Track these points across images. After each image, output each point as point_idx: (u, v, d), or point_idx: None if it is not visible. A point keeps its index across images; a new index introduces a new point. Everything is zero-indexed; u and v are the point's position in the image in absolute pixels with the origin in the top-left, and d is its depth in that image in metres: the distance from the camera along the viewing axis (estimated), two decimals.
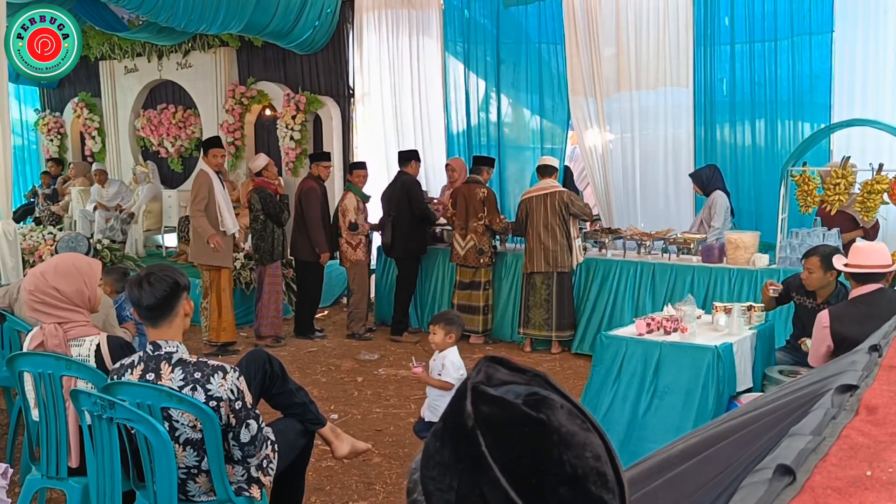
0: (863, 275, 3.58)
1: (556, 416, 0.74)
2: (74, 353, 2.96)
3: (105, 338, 3.02)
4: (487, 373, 0.79)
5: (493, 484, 0.70)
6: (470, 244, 6.94)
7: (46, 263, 3.05)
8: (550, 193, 6.55)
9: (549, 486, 0.71)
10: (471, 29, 8.50)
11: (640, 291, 6.44)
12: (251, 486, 2.77)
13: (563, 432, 0.73)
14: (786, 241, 5.84)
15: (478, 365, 0.80)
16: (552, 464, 0.72)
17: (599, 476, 0.73)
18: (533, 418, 0.73)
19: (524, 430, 0.73)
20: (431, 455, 0.77)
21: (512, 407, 0.74)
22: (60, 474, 2.98)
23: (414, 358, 4.20)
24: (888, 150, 6.09)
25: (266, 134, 10.09)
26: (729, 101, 7.24)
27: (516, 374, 0.80)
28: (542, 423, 0.73)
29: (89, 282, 3.03)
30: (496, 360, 0.80)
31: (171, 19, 7.73)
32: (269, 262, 7.00)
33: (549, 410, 0.74)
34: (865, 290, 3.57)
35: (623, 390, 4.08)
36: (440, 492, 0.74)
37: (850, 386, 1.13)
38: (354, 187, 7.28)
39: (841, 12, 6.58)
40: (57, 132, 12.05)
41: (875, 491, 0.90)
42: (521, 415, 0.73)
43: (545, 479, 0.71)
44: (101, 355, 2.97)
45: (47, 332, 2.96)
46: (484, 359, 0.81)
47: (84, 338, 3.00)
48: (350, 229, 7.13)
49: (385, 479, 4.16)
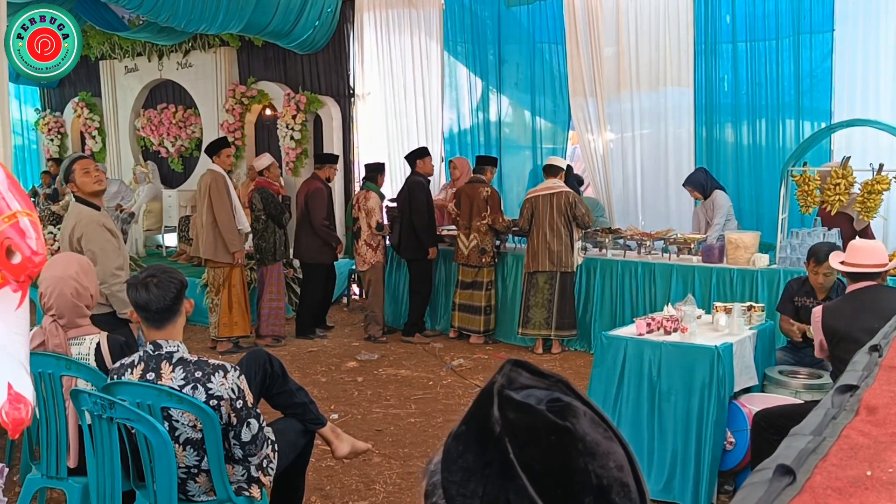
0: (858, 273, 3.60)
1: (580, 425, 0.74)
2: (74, 353, 2.97)
3: (105, 337, 3.03)
4: (510, 376, 0.78)
5: (521, 492, 0.69)
6: (473, 243, 6.94)
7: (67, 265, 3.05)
8: (556, 193, 6.55)
9: (575, 496, 0.71)
10: (472, 28, 8.50)
11: (640, 291, 6.44)
12: (251, 486, 2.77)
13: (587, 441, 0.73)
14: (786, 241, 5.84)
15: (502, 368, 0.79)
16: (578, 474, 0.71)
17: (623, 487, 0.72)
18: (559, 426, 0.72)
19: (551, 438, 0.72)
20: (454, 459, 0.76)
21: (538, 414, 0.73)
22: (60, 474, 2.98)
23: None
24: (888, 149, 6.09)
25: (266, 134, 10.09)
26: (729, 100, 7.24)
27: (538, 378, 0.79)
28: (567, 431, 0.72)
29: (100, 283, 3.07)
30: (519, 364, 0.80)
31: (171, 19, 7.73)
32: (271, 263, 7.01)
33: (574, 418, 0.74)
34: (859, 286, 3.59)
35: (626, 391, 4.07)
36: (463, 497, 0.73)
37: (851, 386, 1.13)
38: (375, 187, 7.27)
39: (841, 11, 6.58)
40: (57, 132, 12.05)
41: (875, 491, 0.89)
42: (548, 422, 0.73)
43: (571, 489, 0.71)
44: (100, 354, 2.97)
45: (48, 332, 2.97)
46: (508, 361, 0.80)
47: (84, 337, 3.01)
48: (377, 230, 7.12)
49: (385, 479, 4.16)
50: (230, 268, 6.74)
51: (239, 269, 6.85)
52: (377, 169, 7.41)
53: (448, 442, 0.78)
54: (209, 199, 6.57)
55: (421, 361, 6.58)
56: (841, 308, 3.53)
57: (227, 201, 6.58)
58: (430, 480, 0.78)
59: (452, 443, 0.77)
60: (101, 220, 4.19)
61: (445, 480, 0.75)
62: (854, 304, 3.52)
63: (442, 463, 0.77)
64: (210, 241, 6.61)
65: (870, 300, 3.50)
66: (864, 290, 3.56)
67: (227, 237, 6.58)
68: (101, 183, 4.15)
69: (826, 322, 3.51)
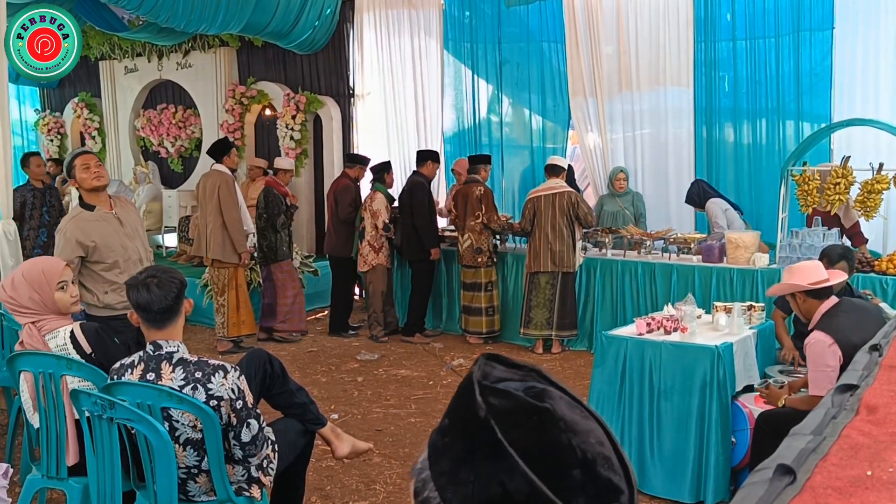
0: (822, 290, 3.56)
1: (558, 406, 0.77)
2: (52, 346, 3.04)
3: (78, 325, 3.09)
4: (485, 370, 0.80)
5: (513, 470, 0.71)
6: (467, 243, 6.92)
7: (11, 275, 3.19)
8: (558, 193, 6.54)
9: (563, 469, 0.73)
10: (471, 28, 8.49)
11: (640, 291, 6.44)
12: (251, 486, 2.77)
13: (567, 420, 0.76)
14: (786, 240, 5.84)
15: (476, 362, 0.81)
16: (563, 449, 0.74)
17: (606, 460, 0.76)
18: (539, 408, 0.76)
19: (533, 418, 0.75)
20: (441, 451, 0.77)
21: (518, 399, 0.76)
22: (61, 474, 2.98)
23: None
24: (888, 149, 6.09)
25: (266, 134, 10.09)
26: (729, 100, 7.23)
27: (512, 370, 0.82)
28: (547, 411, 0.76)
29: (41, 289, 3.08)
30: (492, 358, 0.82)
31: (170, 20, 7.73)
32: (280, 260, 7.04)
33: (552, 401, 0.77)
34: (831, 302, 3.55)
35: (626, 390, 4.08)
36: (455, 486, 0.74)
37: (851, 385, 1.13)
38: (383, 188, 7.28)
39: (841, 9, 6.57)
40: (57, 132, 12.05)
41: (876, 491, 0.89)
42: (528, 405, 0.76)
43: (559, 463, 0.74)
44: (76, 341, 3.01)
45: (24, 333, 3.09)
46: (481, 356, 0.82)
47: (57, 329, 3.07)
48: (384, 230, 7.12)
49: (385, 479, 4.16)
50: (236, 268, 6.80)
51: (242, 270, 6.92)
52: (384, 168, 7.40)
53: (432, 438, 0.80)
54: (218, 199, 6.60)
55: (421, 361, 6.58)
56: (837, 324, 3.42)
57: (236, 202, 6.66)
58: (419, 478, 0.79)
59: (437, 437, 0.79)
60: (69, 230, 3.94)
61: (434, 474, 0.77)
62: (850, 317, 3.45)
63: (429, 459, 0.78)
64: (218, 242, 6.64)
65: (855, 310, 3.51)
66: (840, 304, 3.55)
67: (236, 238, 6.65)
68: (101, 179, 4.10)
69: (839, 339, 3.31)
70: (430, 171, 7.28)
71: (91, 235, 3.95)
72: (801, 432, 1.06)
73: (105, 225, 4.03)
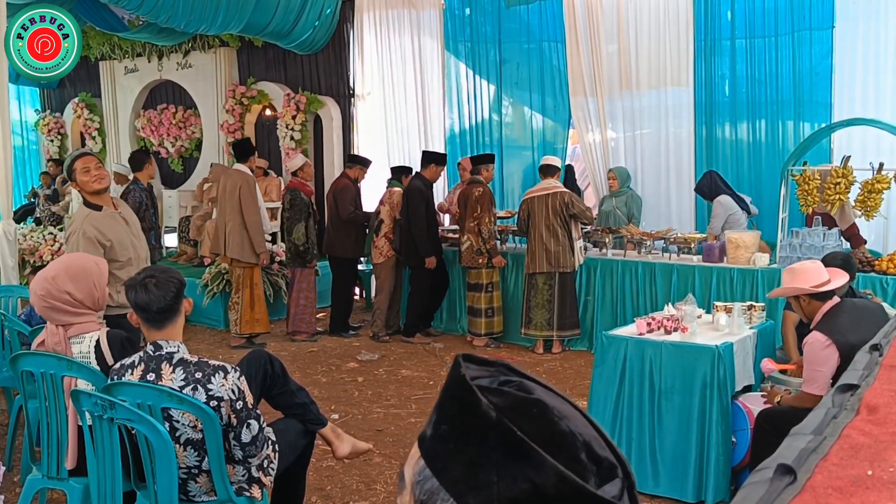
0: (824, 292, 3.57)
1: (543, 395, 0.78)
2: (76, 351, 2.97)
3: (105, 333, 3.03)
4: (470, 372, 0.80)
5: (541, 464, 0.71)
6: (466, 244, 6.90)
7: (55, 266, 3.02)
8: (552, 194, 6.53)
9: (574, 456, 0.74)
10: (471, 28, 8.49)
11: (640, 291, 6.44)
12: (252, 487, 2.77)
13: (557, 408, 0.77)
14: (786, 240, 5.83)
15: (455, 365, 0.80)
16: (567, 436, 0.75)
17: (597, 440, 0.77)
18: (532, 400, 0.76)
19: (533, 411, 0.75)
20: (449, 458, 0.75)
21: (511, 394, 0.77)
22: (61, 474, 2.98)
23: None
24: (888, 149, 6.09)
25: (266, 134, 10.09)
26: (729, 100, 7.24)
27: (483, 367, 0.82)
28: (540, 402, 0.76)
29: (98, 283, 3.04)
30: (467, 358, 0.82)
31: (170, 20, 7.73)
32: (305, 265, 7.10)
33: (535, 391, 0.78)
34: (833, 302, 3.56)
35: (627, 390, 4.08)
36: (476, 490, 0.73)
37: (851, 385, 1.13)
38: (401, 185, 7.31)
39: (841, 8, 6.57)
40: (57, 132, 12.05)
41: (876, 490, 0.89)
42: (522, 399, 0.76)
43: (569, 451, 0.74)
44: (100, 350, 2.97)
45: (48, 331, 2.98)
46: (458, 357, 0.82)
47: (84, 335, 3.00)
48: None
49: (386, 479, 4.16)
50: (251, 267, 6.86)
51: (259, 269, 6.98)
52: (403, 171, 7.47)
53: (428, 446, 0.77)
54: (239, 199, 6.64)
55: (421, 361, 6.58)
56: (836, 324, 3.42)
57: (256, 203, 6.72)
58: (423, 489, 0.76)
59: (437, 445, 0.77)
60: (86, 229, 3.96)
61: (446, 482, 0.74)
62: (849, 317, 3.45)
63: (431, 468, 0.76)
64: (237, 242, 6.70)
65: (855, 310, 3.51)
66: (840, 304, 3.55)
67: (255, 238, 6.71)
68: (102, 181, 4.09)
69: (836, 340, 3.32)
70: (432, 175, 7.21)
71: (107, 234, 4.00)
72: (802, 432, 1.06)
73: (116, 224, 4.07)
